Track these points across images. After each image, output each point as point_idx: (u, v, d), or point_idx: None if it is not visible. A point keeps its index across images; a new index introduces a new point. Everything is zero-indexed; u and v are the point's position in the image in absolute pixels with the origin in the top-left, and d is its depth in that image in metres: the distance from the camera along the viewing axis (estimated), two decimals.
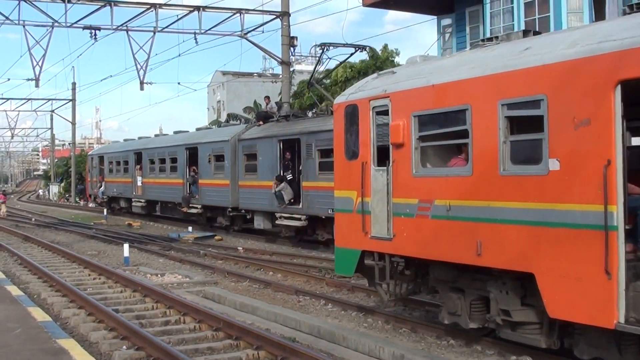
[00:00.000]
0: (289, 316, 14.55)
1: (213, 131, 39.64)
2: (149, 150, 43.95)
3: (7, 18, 36.07)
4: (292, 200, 28.63)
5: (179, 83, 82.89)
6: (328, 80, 49.47)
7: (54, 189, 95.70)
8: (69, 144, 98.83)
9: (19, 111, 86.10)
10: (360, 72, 45.59)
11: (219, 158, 34.26)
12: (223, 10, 39.03)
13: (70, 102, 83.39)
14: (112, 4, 36.41)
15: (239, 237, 32.93)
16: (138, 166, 45.21)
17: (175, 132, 45.44)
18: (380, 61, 46.14)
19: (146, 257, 26.57)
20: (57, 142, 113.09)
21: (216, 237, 32.82)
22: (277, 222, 29.63)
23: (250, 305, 16.07)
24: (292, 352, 10.96)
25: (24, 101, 79.56)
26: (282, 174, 29.21)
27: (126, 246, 25.03)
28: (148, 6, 37.44)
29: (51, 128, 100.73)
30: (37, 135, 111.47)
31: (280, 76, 40.52)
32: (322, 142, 26.12)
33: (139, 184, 44.82)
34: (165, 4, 38.07)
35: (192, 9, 38.03)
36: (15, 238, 34.41)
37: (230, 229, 34.69)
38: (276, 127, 30.90)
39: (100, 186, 53.21)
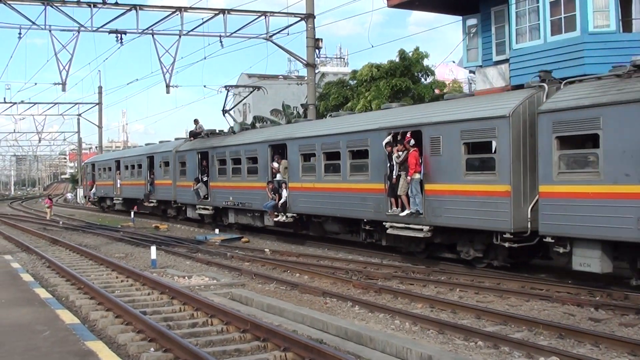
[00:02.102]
0: (316, 318, 14.53)
1: (164, 144, 49.47)
2: (124, 159, 55.27)
3: (33, 23, 36.38)
4: (206, 196, 38.09)
5: (204, 86, 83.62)
6: (354, 82, 49.51)
7: (82, 192, 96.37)
8: (96, 147, 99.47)
9: (46, 115, 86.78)
10: (388, 72, 45.57)
11: (166, 164, 44.31)
12: (248, 13, 39.23)
13: (97, 106, 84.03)
14: (138, 8, 36.61)
15: (265, 239, 32.97)
16: (118, 172, 55.37)
17: (147, 144, 55.26)
18: (409, 62, 46.07)
19: (173, 260, 26.63)
20: (84, 145, 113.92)
21: (243, 239, 32.86)
22: (196, 212, 39.69)
23: (277, 307, 16.07)
24: (320, 354, 10.93)
25: (51, 105, 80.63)
26: (199, 176, 38.77)
27: (153, 249, 25.12)
28: (173, 10, 37.67)
29: (78, 132, 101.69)
30: (64, 139, 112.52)
31: (306, 78, 40.56)
32: (218, 154, 36.90)
33: (119, 185, 55.43)
34: (190, 8, 38.25)
35: (217, 12, 38.21)
36: (43, 241, 34.61)
37: (177, 217, 44.76)
38: (197, 143, 40.62)
39: (92, 188, 64.97)
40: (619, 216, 16.06)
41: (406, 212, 22.38)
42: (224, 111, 40.16)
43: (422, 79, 48.18)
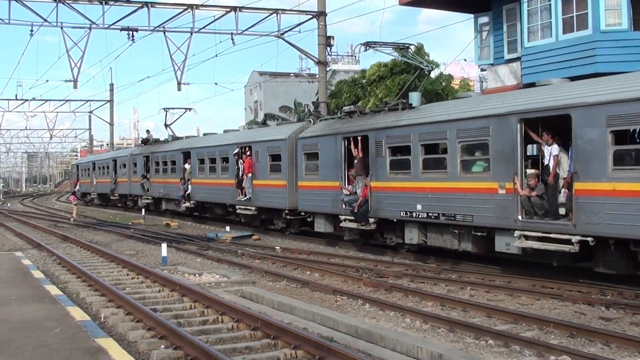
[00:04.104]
0: (327, 316, 14.52)
1: (123, 150, 66.94)
2: (98, 162, 68.91)
3: (45, 20, 36.42)
4: (148, 189, 50.20)
5: (216, 83, 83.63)
6: (364, 80, 49.55)
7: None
8: (107, 144, 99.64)
9: (57, 112, 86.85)
10: (392, 70, 45.65)
11: (124, 166, 57.33)
12: (260, 10, 39.13)
13: (108, 103, 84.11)
14: (149, 5, 36.60)
15: (276, 237, 33.02)
16: (94, 172, 68.83)
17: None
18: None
19: (184, 257, 26.67)
20: (95, 142, 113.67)
21: (254, 237, 32.92)
22: (142, 201, 51.93)
23: (288, 304, 16.07)
24: (330, 352, 10.93)
25: (62, 102, 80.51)
26: (145, 173, 50.74)
27: (164, 246, 25.14)
28: (185, 7, 37.64)
29: (89, 129, 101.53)
30: (76, 136, 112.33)
31: (317, 76, 40.50)
32: (155, 157, 49.26)
33: (94, 183, 68.81)
34: (202, 5, 38.22)
35: (228, 9, 38.18)
36: (54, 238, 34.70)
37: (134, 207, 55.73)
38: (145, 149, 53.41)
39: (76, 186, 75.24)
40: (325, 199, 27.92)
41: (244, 198, 34.81)
42: (166, 125, 50.60)
43: (428, 73, 48.24)
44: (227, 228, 35.97)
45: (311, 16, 37.97)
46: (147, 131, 55.50)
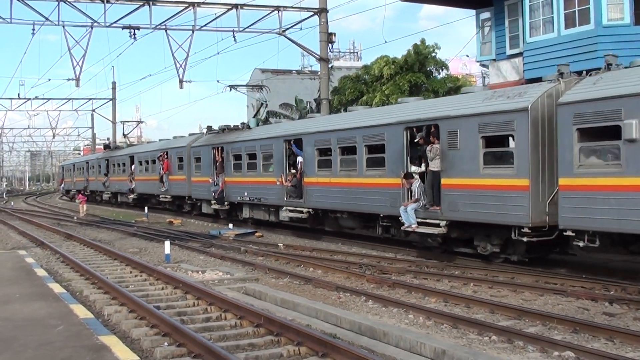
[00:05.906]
0: (330, 312, 14.51)
1: (96, 154, 78.24)
2: (77, 164, 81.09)
3: (47, 19, 36.47)
4: (108, 186, 62.69)
5: (218, 81, 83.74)
6: (367, 76, 49.47)
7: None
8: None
9: (60, 111, 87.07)
10: (403, 67, 45.54)
11: (94, 167, 69.43)
12: (261, 7, 39.23)
13: (111, 101, 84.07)
14: (151, 3, 36.66)
15: (279, 234, 33.03)
16: (74, 172, 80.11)
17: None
18: (423, 57, 46.07)
19: (187, 254, 26.66)
20: (97, 141, 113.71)
21: (256, 234, 32.93)
22: (105, 195, 65.08)
23: (291, 301, 16.06)
24: (333, 349, 10.92)
25: (65, 101, 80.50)
26: (106, 173, 63.09)
27: (167, 243, 25.12)
28: (186, 5, 37.67)
29: (92, 127, 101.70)
30: (78, 135, 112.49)
31: (319, 73, 40.51)
32: (112, 160, 62.75)
33: (74, 181, 79.45)
34: (203, 2, 38.24)
35: (230, 7, 38.21)
36: (58, 236, 34.67)
37: (101, 200, 67.71)
38: (106, 153, 67.22)
39: (61, 184, 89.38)
40: (204, 190, 39.20)
41: (163, 189, 46.24)
42: (124, 135, 68.15)
43: (435, 73, 48.25)
44: (230, 225, 36.00)
45: (312, 13, 38.00)
46: (108, 139, 75.59)
